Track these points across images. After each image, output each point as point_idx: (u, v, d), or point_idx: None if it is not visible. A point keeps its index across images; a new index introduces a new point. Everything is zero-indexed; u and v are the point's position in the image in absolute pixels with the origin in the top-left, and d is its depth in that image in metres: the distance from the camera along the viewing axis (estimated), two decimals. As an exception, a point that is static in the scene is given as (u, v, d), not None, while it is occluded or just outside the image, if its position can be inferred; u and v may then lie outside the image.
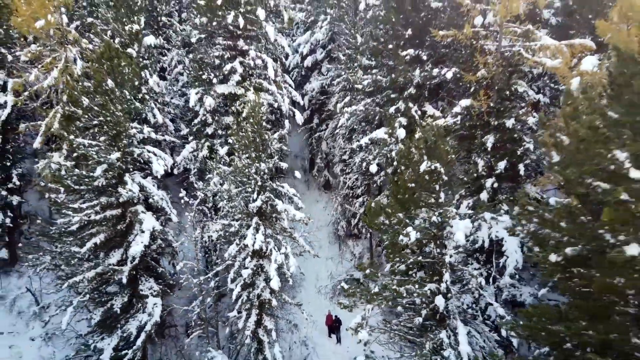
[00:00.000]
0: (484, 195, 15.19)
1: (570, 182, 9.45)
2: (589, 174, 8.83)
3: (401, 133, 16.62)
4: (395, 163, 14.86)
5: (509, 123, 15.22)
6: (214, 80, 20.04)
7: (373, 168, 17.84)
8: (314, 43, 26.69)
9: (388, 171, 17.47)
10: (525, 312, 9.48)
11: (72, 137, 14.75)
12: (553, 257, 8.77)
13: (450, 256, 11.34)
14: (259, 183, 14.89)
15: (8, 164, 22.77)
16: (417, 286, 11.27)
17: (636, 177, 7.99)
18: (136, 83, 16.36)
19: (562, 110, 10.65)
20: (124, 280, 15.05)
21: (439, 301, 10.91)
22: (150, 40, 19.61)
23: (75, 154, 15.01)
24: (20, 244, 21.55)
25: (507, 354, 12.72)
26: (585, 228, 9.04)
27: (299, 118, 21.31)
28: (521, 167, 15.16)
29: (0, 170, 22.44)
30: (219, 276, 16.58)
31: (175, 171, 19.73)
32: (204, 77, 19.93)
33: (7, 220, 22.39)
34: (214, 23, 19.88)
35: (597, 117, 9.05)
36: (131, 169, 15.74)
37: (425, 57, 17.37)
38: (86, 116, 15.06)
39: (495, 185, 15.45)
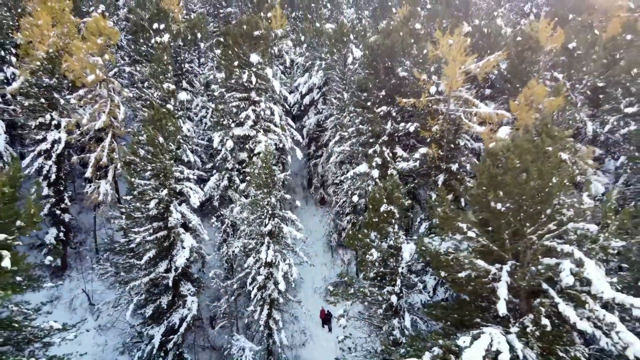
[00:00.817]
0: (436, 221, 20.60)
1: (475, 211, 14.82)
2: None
3: (375, 173, 22.04)
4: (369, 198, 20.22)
5: (454, 167, 20.66)
6: (232, 125, 25.44)
7: (355, 198, 23.29)
8: (311, 85, 32.12)
9: (365, 200, 22.88)
10: (429, 305, 14.92)
11: (132, 179, 20.12)
12: (443, 273, 13.82)
13: (402, 267, 16.71)
14: (270, 212, 20.28)
15: (61, 188, 28.21)
16: (379, 289, 16.68)
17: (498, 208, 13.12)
18: (178, 136, 21.72)
19: (479, 166, 16.03)
20: (170, 284, 20.46)
21: (393, 299, 16.30)
22: (182, 96, 25.01)
23: (134, 192, 20.34)
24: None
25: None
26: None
27: (299, 154, 26.70)
28: (462, 200, 20.56)
29: (55, 194, 27.89)
30: (238, 281, 21.97)
31: (203, 197, 25.09)
32: (224, 122, 25.32)
33: (61, 234, 27.97)
34: (232, 80, 25.27)
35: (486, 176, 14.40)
36: (174, 200, 21.10)
37: (394, 114, 22.76)
38: (142, 163, 20.43)
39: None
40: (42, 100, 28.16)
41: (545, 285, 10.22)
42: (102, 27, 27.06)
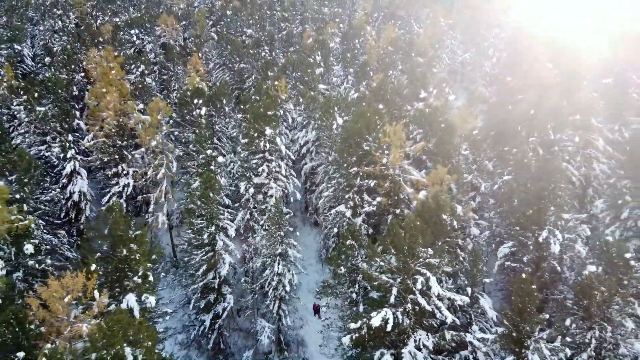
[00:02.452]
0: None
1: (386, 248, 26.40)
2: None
3: (348, 213, 33.60)
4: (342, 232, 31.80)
5: (398, 211, 32.29)
6: (252, 176, 36.99)
7: (335, 230, 34.90)
8: (307, 139, 43.74)
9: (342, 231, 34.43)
10: (368, 300, 26.48)
11: (192, 219, 31.57)
12: (367, 282, 25.52)
13: (359, 278, 28.23)
14: (279, 240, 31.80)
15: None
16: (347, 288, 28.27)
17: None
18: (221, 192, 33.28)
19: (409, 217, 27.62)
20: (215, 287, 31.99)
21: (354, 296, 27.89)
22: (220, 159, 36.62)
23: (193, 227, 31.76)
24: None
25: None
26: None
27: (299, 196, 38.32)
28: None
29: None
30: (259, 285, 33.51)
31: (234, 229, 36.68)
32: (247, 175, 36.89)
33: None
34: (253, 147, 36.84)
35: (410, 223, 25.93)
36: (219, 232, 32.58)
37: (361, 173, 34.35)
38: (196, 209, 31.90)
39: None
40: (116, 156, 39.82)
41: (414, 288, 21.66)
42: (161, 106, 38.72)
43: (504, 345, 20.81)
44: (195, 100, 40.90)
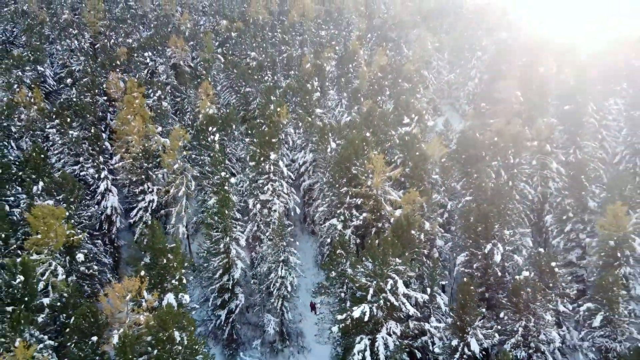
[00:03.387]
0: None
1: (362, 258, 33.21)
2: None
3: (339, 226, 40.38)
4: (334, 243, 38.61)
5: (380, 225, 39.10)
6: (259, 194, 43.77)
7: (328, 240, 41.70)
8: (305, 160, 50.54)
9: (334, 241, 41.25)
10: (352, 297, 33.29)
11: (210, 232, 38.30)
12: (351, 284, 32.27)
13: (347, 281, 34.98)
14: (282, 249, 38.58)
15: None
16: (336, 288, 35.08)
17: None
18: (233, 208, 40.06)
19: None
20: (229, 287, 38.77)
21: (342, 294, 34.67)
22: (233, 180, 43.41)
23: (210, 239, 38.46)
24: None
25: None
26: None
27: (298, 211, 45.15)
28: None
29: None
30: (265, 286, 40.28)
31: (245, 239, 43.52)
32: (255, 192, 43.68)
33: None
34: (259, 169, 43.62)
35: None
36: (232, 243, 39.31)
37: (350, 192, 41.13)
38: (214, 223, 38.64)
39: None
40: (142, 176, 46.59)
41: (386, 288, 28.42)
42: (181, 134, 45.52)
43: (452, 332, 27.61)
44: (210, 128, 47.72)
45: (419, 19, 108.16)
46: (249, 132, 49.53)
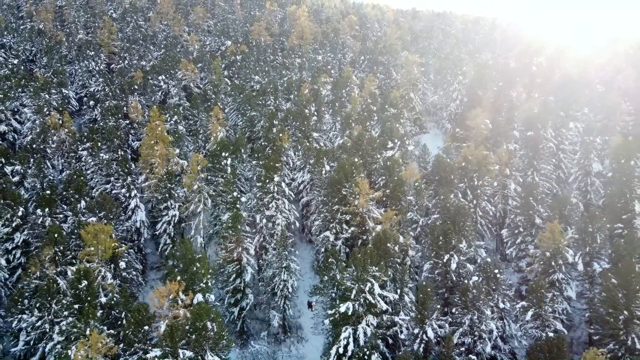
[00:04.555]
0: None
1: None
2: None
3: (332, 237, 48.91)
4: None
5: (365, 237, 47.66)
6: (265, 210, 52.28)
7: (322, 249, 50.21)
8: (303, 179, 59.11)
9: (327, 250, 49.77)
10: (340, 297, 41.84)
11: (225, 243, 46.74)
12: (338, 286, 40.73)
13: (336, 284, 43.50)
14: (285, 257, 47.08)
15: (175, 240, 55.04)
16: (328, 290, 43.64)
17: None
18: (245, 223, 48.59)
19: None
20: (241, 288, 47.26)
21: (333, 295, 43.22)
22: (243, 199, 51.99)
23: (225, 250, 46.88)
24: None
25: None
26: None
27: (298, 224, 53.74)
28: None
29: (172, 242, 54.74)
30: (271, 287, 48.78)
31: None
32: (261, 209, 52.21)
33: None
34: (265, 190, 52.13)
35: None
36: (244, 252, 47.74)
37: (341, 209, 49.61)
38: (228, 236, 47.07)
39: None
40: (166, 195, 55.12)
41: (365, 290, 36.85)
42: (199, 160, 54.11)
43: (415, 323, 36.20)
44: (223, 153, 56.30)
45: (409, 39, 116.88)
46: (256, 155, 58.09)
